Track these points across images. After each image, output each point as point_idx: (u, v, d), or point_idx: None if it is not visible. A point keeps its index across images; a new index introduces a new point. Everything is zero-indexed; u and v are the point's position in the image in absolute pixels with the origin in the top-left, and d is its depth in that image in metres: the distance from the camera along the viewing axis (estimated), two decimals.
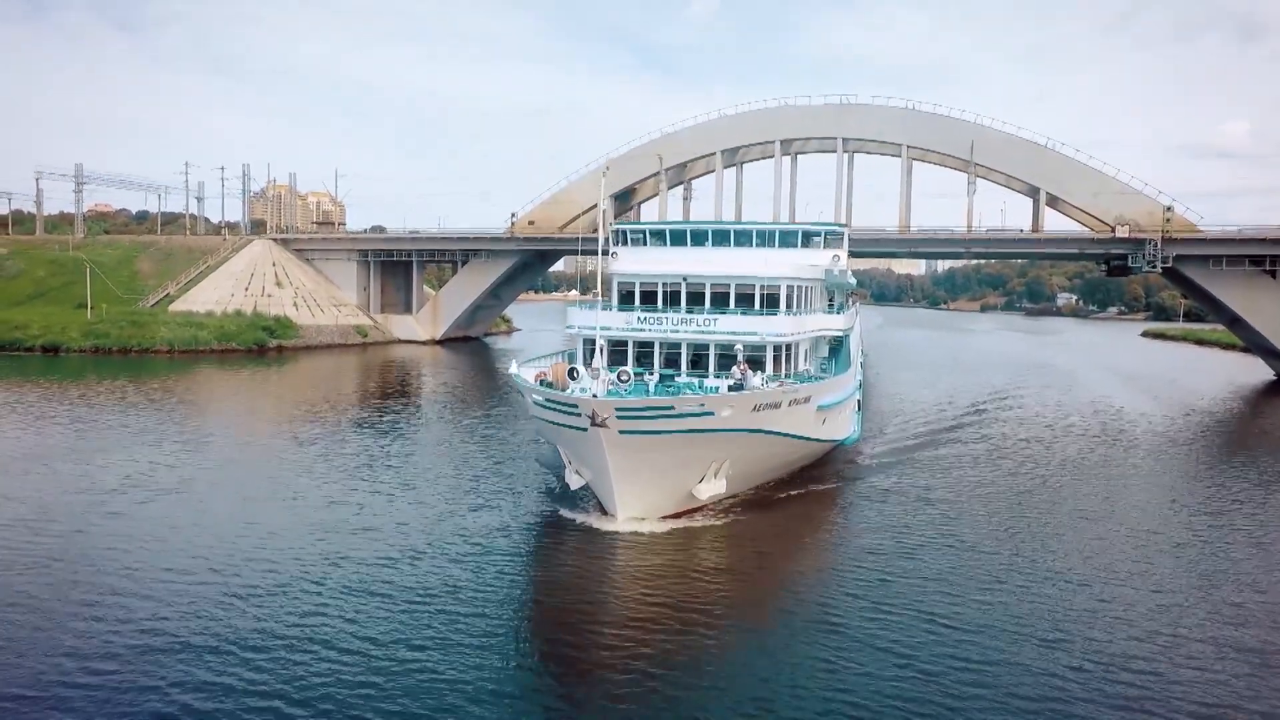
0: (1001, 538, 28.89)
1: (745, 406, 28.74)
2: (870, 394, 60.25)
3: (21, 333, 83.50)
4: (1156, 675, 18.85)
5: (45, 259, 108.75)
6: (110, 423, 46.38)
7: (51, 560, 24.74)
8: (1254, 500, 34.76)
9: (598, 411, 25.84)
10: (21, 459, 37.13)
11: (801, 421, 32.77)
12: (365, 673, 18.32)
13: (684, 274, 36.06)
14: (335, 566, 24.55)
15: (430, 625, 20.76)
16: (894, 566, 25.64)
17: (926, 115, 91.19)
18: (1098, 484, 37.06)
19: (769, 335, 33.45)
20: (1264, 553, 27.72)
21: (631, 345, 34.64)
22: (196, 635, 19.91)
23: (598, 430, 26.17)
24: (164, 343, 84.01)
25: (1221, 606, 22.90)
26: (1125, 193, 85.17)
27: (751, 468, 31.80)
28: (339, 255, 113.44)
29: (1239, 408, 65.89)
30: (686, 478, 29.01)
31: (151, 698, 17.16)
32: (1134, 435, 49.76)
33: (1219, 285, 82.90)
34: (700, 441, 28.05)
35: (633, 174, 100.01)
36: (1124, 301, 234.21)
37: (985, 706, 17.47)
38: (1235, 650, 20.23)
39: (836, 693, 17.97)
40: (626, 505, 28.27)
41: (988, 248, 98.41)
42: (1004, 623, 21.56)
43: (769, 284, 35.82)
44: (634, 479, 27.78)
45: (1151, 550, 27.72)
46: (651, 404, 27.04)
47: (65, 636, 19.72)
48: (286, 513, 30.36)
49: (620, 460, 27.09)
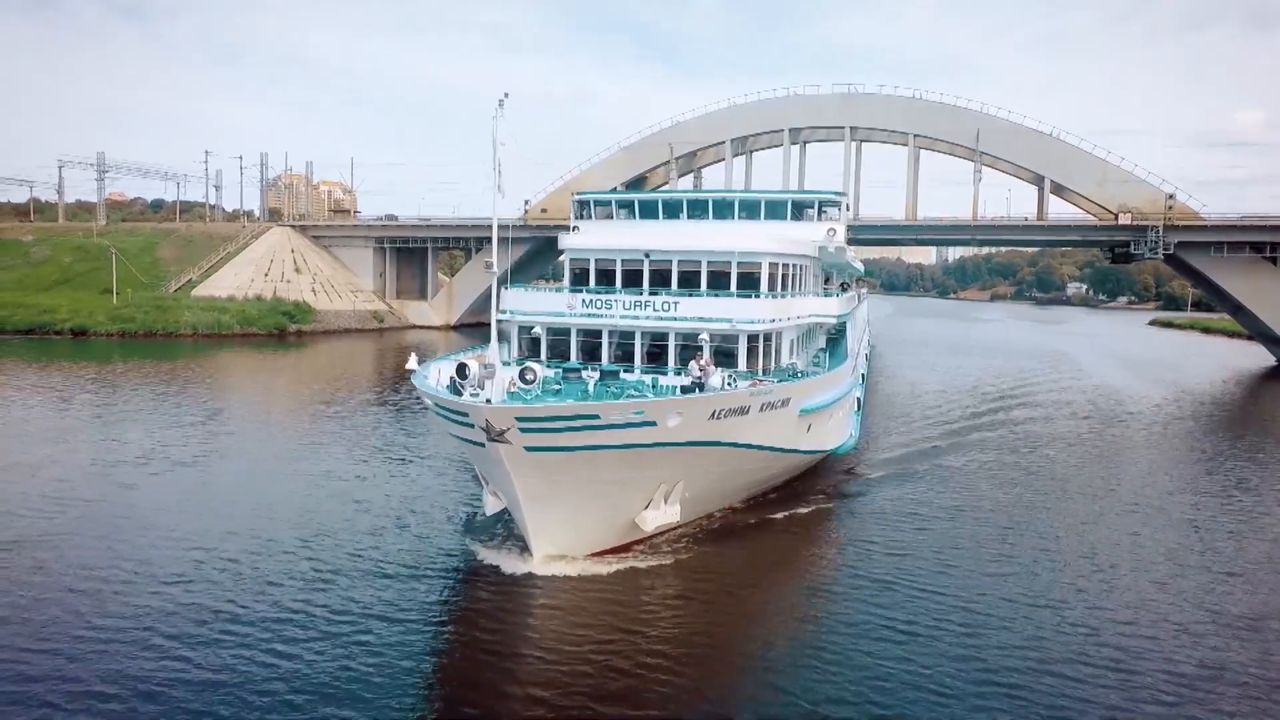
0: (1033, 578, 22.85)
1: (700, 413, 22.64)
2: (875, 390, 57.05)
3: (51, 316, 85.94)
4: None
5: (70, 245, 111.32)
6: (144, 399, 48.67)
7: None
8: (1245, 475, 36.42)
9: (492, 422, 19.72)
10: (59, 431, 39.42)
11: (778, 430, 26.82)
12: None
13: (646, 249, 29.76)
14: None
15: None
16: (894, 622, 19.74)
17: (933, 104, 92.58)
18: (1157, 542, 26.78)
19: (743, 322, 27.37)
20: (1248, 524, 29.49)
21: (575, 335, 28.67)
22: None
23: (496, 446, 20.20)
24: (188, 327, 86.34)
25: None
26: (1129, 181, 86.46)
27: (713, 488, 25.84)
28: (355, 242, 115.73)
29: (1236, 392, 67.36)
30: (626, 504, 23.03)
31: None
32: (1132, 417, 51.41)
33: (1221, 272, 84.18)
34: (641, 459, 22.03)
35: (644, 162, 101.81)
36: (1134, 291, 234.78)
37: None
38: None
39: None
40: (543, 541, 22.24)
41: (993, 235, 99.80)
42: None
43: (747, 260, 29.38)
44: (551, 507, 21.81)
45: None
46: (564, 412, 20.53)
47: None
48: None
49: (530, 484, 21.18)
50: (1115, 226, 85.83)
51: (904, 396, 55.72)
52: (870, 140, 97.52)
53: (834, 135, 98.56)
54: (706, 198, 35.60)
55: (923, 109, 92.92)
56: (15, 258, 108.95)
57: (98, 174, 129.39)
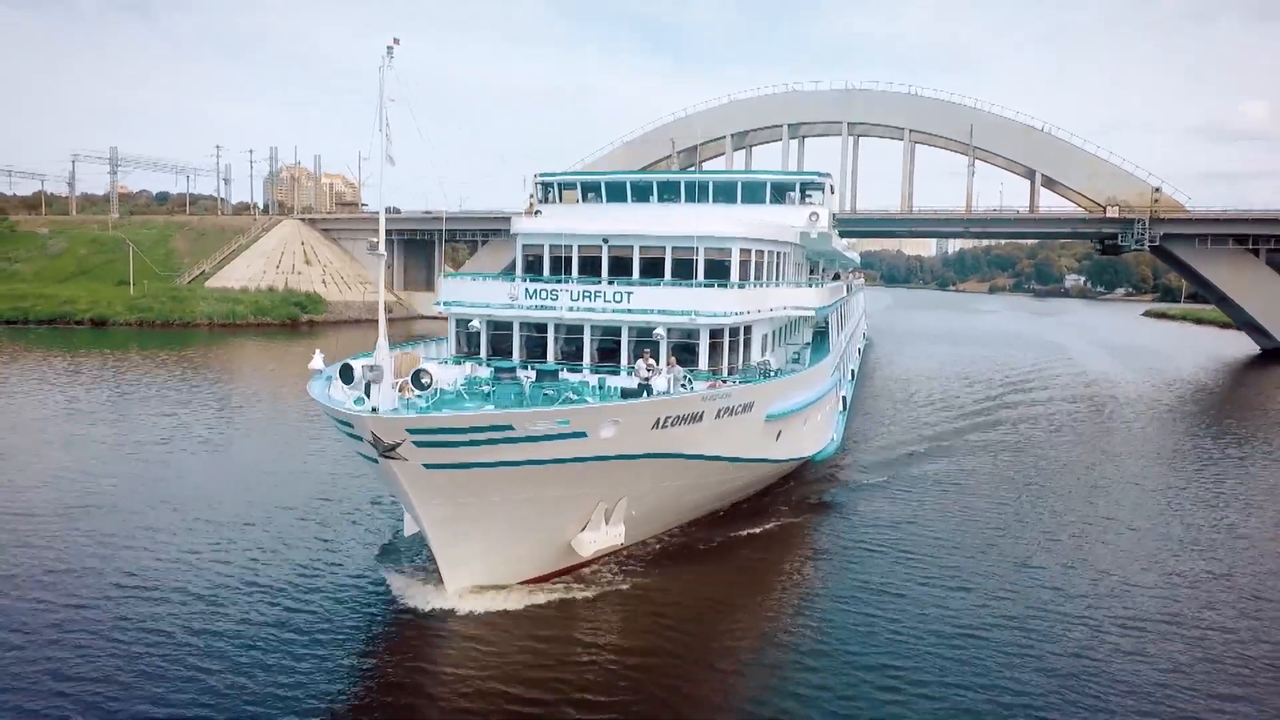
0: (1035, 607, 19.97)
1: (640, 422, 19.62)
2: (868, 385, 55.14)
3: (71, 307, 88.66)
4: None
5: (86, 238, 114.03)
6: (169, 384, 51.41)
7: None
8: (1216, 452, 39.17)
9: (379, 435, 16.77)
10: (79, 416, 42.17)
11: (740, 438, 23.50)
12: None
13: (605, 234, 26.58)
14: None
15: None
16: (869, 656, 17.33)
17: (928, 100, 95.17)
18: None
19: (705, 315, 24.16)
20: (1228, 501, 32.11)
21: (518, 329, 25.75)
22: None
23: (389, 463, 17.25)
24: (204, 317, 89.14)
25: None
26: (1117, 175, 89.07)
27: (665, 505, 22.79)
28: (363, 235, 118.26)
29: (1217, 378, 69.97)
30: (558, 526, 19.99)
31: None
32: (1116, 402, 54.01)
33: (1206, 264, 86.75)
34: (571, 475, 19.09)
35: (646, 156, 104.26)
36: (1132, 283, 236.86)
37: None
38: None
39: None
40: (457, 572, 19.22)
41: (986, 227, 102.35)
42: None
43: (715, 246, 26.20)
44: (464, 533, 18.81)
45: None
46: (469, 423, 17.39)
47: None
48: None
49: (434, 508, 18.26)
50: (1103, 219, 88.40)
51: (897, 393, 53.94)
52: (868, 135, 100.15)
53: (832, 130, 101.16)
54: (678, 179, 32.81)
55: (918, 105, 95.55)
56: (33, 250, 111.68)
57: (111, 168, 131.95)
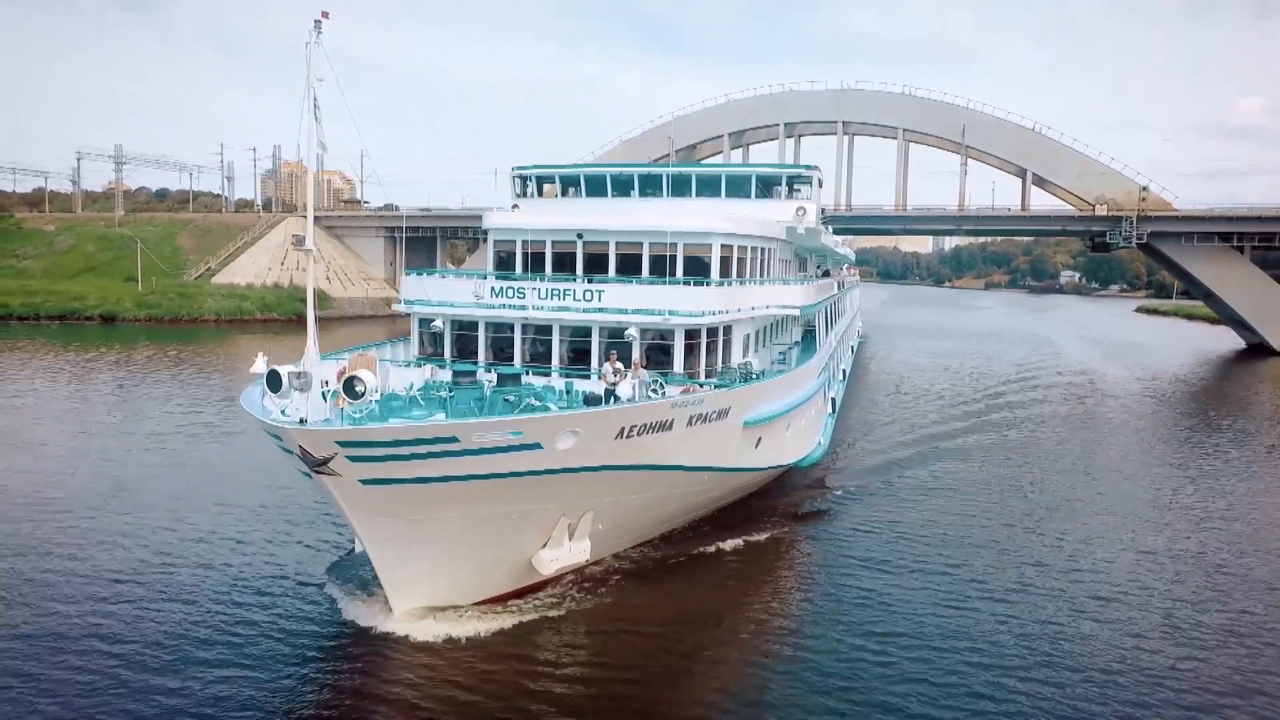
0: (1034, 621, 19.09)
1: (602, 431, 18.11)
2: (861, 383, 54.38)
3: (80, 303, 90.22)
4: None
5: (93, 235, 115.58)
6: (180, 378, 53.28)
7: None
8: (1201, 441, 41.07)
9: (307, 448, 15.42)
10: (93, 406, 44.00)
11: (716, 446, 21.99)
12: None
13: (580, 228, 25.52)
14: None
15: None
16: (851, 675, 16.43)
17: (921, 100, 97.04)
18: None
19: (680, 315, 22.75)
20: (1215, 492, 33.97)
21: (484, 329, 24.53)
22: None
23: (322, 479, 15.95)
24: (211, 312, 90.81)
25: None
26: (1106, 173, 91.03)
27: (634, 519, 21.38)
28: (366, 232, 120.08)
29: (1199, 373, 72.01)
30: (516, 542, 18.73)
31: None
32: (1106, 395, 55.91)
33: (1192, 261, 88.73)
34: (526, 490, 17.75)
35: (645, 154, 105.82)
36: (1126, 280, 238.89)
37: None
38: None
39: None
40: (403, 594, 17.96)
41: (978, 224, 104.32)
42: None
43: (694, 242, 24.92)
44: (409, 552, 17.56)
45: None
46: (408, 435, 15.98)
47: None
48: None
49: (374, 527, 17.01)
50: (1092, 217, 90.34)
51: (891, 392, 52.90)
52: (862, 134, 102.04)
53: (828, 129, 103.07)
54: (660, 173, 31.13)
55: (911, 104, 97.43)
56: (40, 247, 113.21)
57: (116, 165, 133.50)
